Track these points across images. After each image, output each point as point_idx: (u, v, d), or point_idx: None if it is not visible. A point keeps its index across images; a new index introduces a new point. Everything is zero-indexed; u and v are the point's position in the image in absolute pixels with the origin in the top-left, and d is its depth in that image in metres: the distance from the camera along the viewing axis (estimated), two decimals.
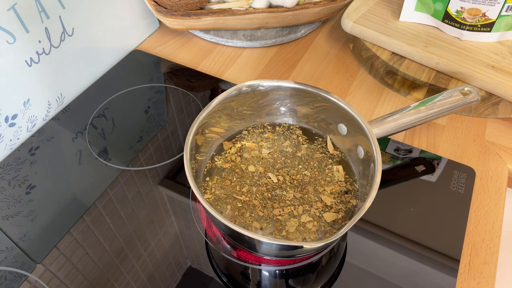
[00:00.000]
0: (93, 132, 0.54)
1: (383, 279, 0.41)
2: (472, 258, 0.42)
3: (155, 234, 0.44)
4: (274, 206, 0.43)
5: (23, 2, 0.47)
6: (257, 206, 0.43)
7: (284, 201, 0.43)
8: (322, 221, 0.42)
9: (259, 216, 0.42)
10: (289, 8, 0.61)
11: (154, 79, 0.61)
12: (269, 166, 0.46)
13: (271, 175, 0.45)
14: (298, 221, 0.42)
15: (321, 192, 0.44)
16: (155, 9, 0.60)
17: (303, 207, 0.43)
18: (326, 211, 0.42)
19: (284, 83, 0.46)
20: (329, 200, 0.43)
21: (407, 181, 0.49)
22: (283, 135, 0.49)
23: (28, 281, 0.41)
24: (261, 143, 0.48)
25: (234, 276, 0.42)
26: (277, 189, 0.44)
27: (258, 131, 0.50)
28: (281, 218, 0.42)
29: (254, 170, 0.46)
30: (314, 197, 0.44)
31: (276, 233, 0.41)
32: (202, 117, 0.43)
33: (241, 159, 0.47)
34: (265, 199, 0.43)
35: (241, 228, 0.35)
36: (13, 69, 0.48)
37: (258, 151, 0.47)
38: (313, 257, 0.42)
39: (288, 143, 0.48)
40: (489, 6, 0.52)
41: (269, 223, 0.42)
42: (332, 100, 0.45)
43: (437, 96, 0.47)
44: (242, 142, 0.48)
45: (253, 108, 0.48)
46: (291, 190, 0.44)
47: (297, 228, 0.41)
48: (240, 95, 0.46)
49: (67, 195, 0.48)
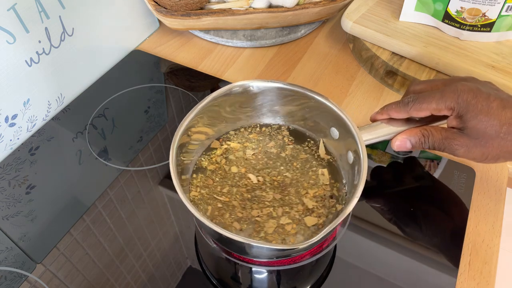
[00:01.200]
0: (93, 132, 0.54)
1: (383, 279, 0.41)
2: (472, 258, 0.42)
3: (155, 234, 0.44)
4: (253, 207, 0.42)
5: (23, 2, 0.47)
6: (237, 207, 0.42)
7: (263, 202, 0.42)
8: (301, 224, 0.41)
9: (238, 217, 0.41)
10: (289, 8, 0.61)
11: (154, 79, 0.61)
12: (250, 167, 0.46)
13: (251, 176, 0.44)
14: (277, 222, 0.41)
15: (303, 194, 0.43)
16: (155, 9, 0.60)
17: (283, 209, 0.42)
18: (307, 214, 0.42)
19: (276, 84, 0.46)
20: (311, 203, 0.42)
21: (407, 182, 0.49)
22: (269, 135, 0.49)
23: (28, 281, 0.41)
24: (246, 144, 0.48)
25: (234, 276, 0.42)
26: (256, 190, 0.44)
27: (246, 132, 0.49)
28: (260, 220, 0.41)
29: (236, 171, 0.45)
30: (296, 199, 0.43)
31: (255, 235, 0.40)
32: (193, 115, 0.43)
33: (226, 160, 0.46)
34: (245, 200, 0.43)
35: (218, 227, 0.35)
36: (13, 69, 0.48)
37: (242, 152, 0.47)
38: (312, 257, 0.42)
39: (273, 143, 0.48)
40: (489, 6, 0.52)
41: (249, 224, 0.41)
42: (324, 103, 0.44)
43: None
44: (228, 143, 0.48)
45: (244, 108, 0.48)
46: (270, 191, 0.43)
47: (276, 229, 0.40)
48: (231, 95, 0.45)
49: (67, 195, 0.48)
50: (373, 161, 0.50)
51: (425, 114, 0.40)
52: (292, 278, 0.42)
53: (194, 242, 0.44)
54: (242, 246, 0.37)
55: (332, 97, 0.58)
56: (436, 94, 0.39)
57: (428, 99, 0.39)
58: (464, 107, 0.37)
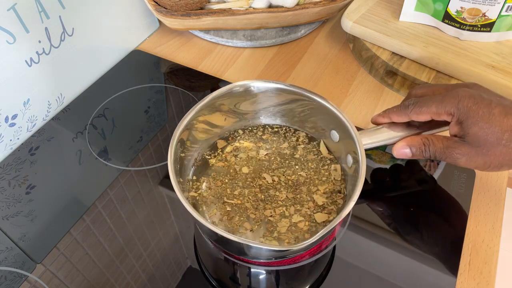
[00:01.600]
0: (93, 132, 0.54)
1: (383, 279, 0.41)
2: (472, 258, 0.42)
3: (155, 234, 0.44)
4: (266, 207, 0.42)
5: (23, 2, 0.47)
6: (249, 208, 0.42)
7: (277, 202, 0.43)
8: (313, 221, 0.41)
9: (250, 218, 0.42)
10: (289, 8, 0.61)
11: (154, 79, 0.61)
12: (263, 167, 0.46)
13: (266, 176, 0.45)
14: (289, 221, 0.41)
15: (314, 192, 0.44)
16: (155, 9, 0.60)
17: (295, 207, 0.42)
18: (318, 211, 0.42)
19: (277, 85, 0.46)
20: (321, 199, 0.43)
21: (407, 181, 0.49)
22: (283, 136, 0.49)
23: (28, 281, 0.41)
24: (259, 144, 0.48)
25: (234, 276, 0.42)
26: (270, 190, 0.44)
27: (254, 131, 0.49)
28: (272, 219, 0.41)
29: (247, 171, 0.45)
30: (307, 197, 0.43)
31: (268, 235, 0.40)
32: (193, 113, 0.43)
33: (236, 159, 0.47)
34: (258, 201, 0.43)
35: (216, 226, 0.35)
36: (13, 69, 0.48)
37: (256, 152, 0.47)
38: (312, 257, 0.42)
39: (286, 145, 0.48)
40: (489, 6, 0.52)
41: (260, 225, 0.41)
42: (325, 105, 0.44)
43: None
44: (240, 142, 0.48)
45: (246, 108, 0.48)
46: (284, 191, 0.44)
47: (289, 228, 0.41)
48: (232, 95, 0.46)
49: (67, 195, 0.48)
50: (373, 161, 0.50)
51: (425, 118, 0.40)
52: (291, 278, 0.42)
53: (193, 242, 0.44)
54: (240, 247, 0.37)
55: (332, 97, 0.58)
56: (436, 98, 0.39)
57: (428, 103, 0.39)
58: (465, 113, 0.37)
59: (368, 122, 0.55)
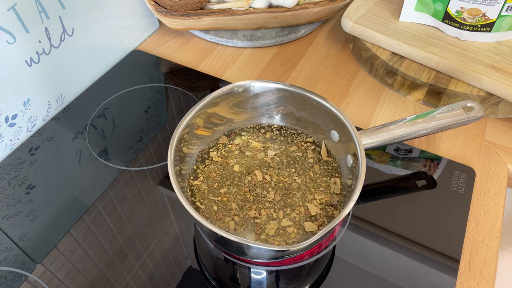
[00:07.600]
0: (93, 132, 0.54)
1: (383, 279, 0.41)
2: (472, 258, 0.42)
3: (155, 234, 0.44)
4: (252, 207, 0.42)
5: (23, 2, 0.47)
6: (234, 208, 0.42)
7: (263, 203, 0.42)
8: (301, 229, 0.41)
9: (235, 220, 0.41)
10: (289, 8, 0.61)
11: (154, 79, 0.61)
12: (256, 165, 0.46)
13: (257, 173, 0.44)
14: (277, 224, 0.41)
15: (309, 200, 0.43)
16: (155, 9, 0.60)
17: (284, 210, 0.42)
18: (307, 220, 0.41)
19: (277, 85, 0.46)
20: (314, 209, 0.42)
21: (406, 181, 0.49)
22: (283, 136, 0.49)
23: (28, 281, 0.41)
24: (267, 144, 0.48)
25: (234, 276, 0.42)
26: (258, 188, 0.43)
27: (254, 131, 0.49)
28: (259, 221, 0.41)
29: (238, 170, 0.45)
30: (299, 202, 0.42)
31: (256, 237, 0.40)
32: (193, 113, 0.43)
33: (240, 152, 0.47)
34: (244, 201, 0.42)
35: (215, 226, 0.35)
36: (13, 69, 0.48)
37: (264, 153, 0.47)
38: (311, 257, 0.42)
39: (285, 145, 0.48)
40: (489, 6, 0.52)
41: (246, 225, 0.41)
42: (324, 105, 0.44)
43: (436, 109, 0.45)
44: (242, 138, 0.48)
45: (246, 108, 0.48)
46: (272, 191, 0.43)
47: (277, 231, 0.40)
48: (232, 95, 0.45)
49: (67, 195, 0.48)
50: (373, 161, 0.50)
51: None
52: (291, 278, 0.42)
53: (193, 242, 0.44)
54: (240, 247, 0.37)
55: (332, 97, 0.58)
56: None
57: None
58: None
59: (368, 122, 0.55)
